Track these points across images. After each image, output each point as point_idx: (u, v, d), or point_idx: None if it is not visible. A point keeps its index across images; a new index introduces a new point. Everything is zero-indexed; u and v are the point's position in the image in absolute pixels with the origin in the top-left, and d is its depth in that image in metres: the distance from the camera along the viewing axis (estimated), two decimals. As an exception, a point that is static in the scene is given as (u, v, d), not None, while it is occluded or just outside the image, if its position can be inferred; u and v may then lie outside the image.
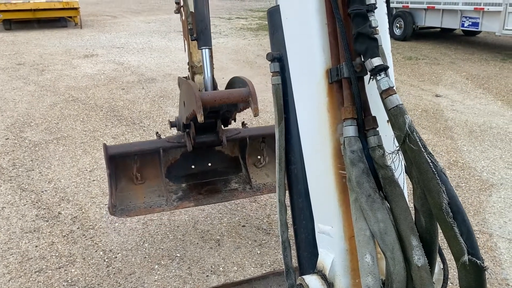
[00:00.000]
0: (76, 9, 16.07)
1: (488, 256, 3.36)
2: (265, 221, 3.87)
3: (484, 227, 3.73)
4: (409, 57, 10.62)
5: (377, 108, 1.15)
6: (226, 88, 3.15)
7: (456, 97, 7.45)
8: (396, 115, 1.00)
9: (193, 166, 3.38)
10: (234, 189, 3.40)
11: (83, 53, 11.61)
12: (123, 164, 3.15)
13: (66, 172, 4.80)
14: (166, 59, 10.67)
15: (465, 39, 12.98)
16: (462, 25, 11.19)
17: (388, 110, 1.02)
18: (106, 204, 4.12)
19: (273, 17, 1.42)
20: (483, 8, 10.33)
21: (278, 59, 1.43)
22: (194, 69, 3.46)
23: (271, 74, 1.47)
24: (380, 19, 1.18)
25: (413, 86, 8.13)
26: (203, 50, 3.06)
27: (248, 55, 11.38)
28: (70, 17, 16.40)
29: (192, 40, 3.19)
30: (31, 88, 8.23)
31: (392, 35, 13.00)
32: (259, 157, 3.52)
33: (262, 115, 6.50)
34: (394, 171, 1.08)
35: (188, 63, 3.55)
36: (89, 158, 5.14)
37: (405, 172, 1.12)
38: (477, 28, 10.86)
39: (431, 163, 0.96)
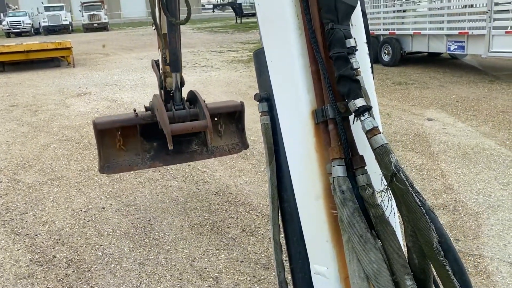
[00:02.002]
0: (68, 48, 16.30)
1: (490, 281, 3.32)
2: (263, 255, 3.82)
3: (484, 251, 3.70)
4: (399, 82, 10.78)
5: (364, 146, 1.16)
6: (187, 99, 4.11)
7: (447, 120, 7.53)
8: (381, 155, 1.01)
9: None
10: (194, 151, 4.16)
11: (76, 92, 11.69)
12: (108, 134, 3.94)
13: (60, 214, 4.75)
14: (159, 94, 10.73)
15: (453, 62, 13.23)
16: (449, 49, 11.42)
17: (373, 150, 1.04)
18: (101, 245, 4.08)
19: (259, 59, 1.45)
20: (468, 32, 10.58)
21: (266, 99, 1.45)
22: (166, 74, 4.23)
23: (260, 113, 1.49)
24: (361, 60, 1.21)
25: (404, 111, 8.22)
26: (174, 73, 3.93)
27: (240, 86, 11.51)
28: (63, 56, 16.61)
29: (165, 65, 4.06)
30: (24, 129, 8.25)
31: (381, 61, 13.23)
32: (215, 119, 4.22)
33: (256, 146, 6.50)
34: (384, 210, 1.08)
35: (161, 68, 4.30)
36: (84, 198, 5.10)
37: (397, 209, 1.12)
38: (463, 52, 11.08)
39: (419, 202, 0.96)
